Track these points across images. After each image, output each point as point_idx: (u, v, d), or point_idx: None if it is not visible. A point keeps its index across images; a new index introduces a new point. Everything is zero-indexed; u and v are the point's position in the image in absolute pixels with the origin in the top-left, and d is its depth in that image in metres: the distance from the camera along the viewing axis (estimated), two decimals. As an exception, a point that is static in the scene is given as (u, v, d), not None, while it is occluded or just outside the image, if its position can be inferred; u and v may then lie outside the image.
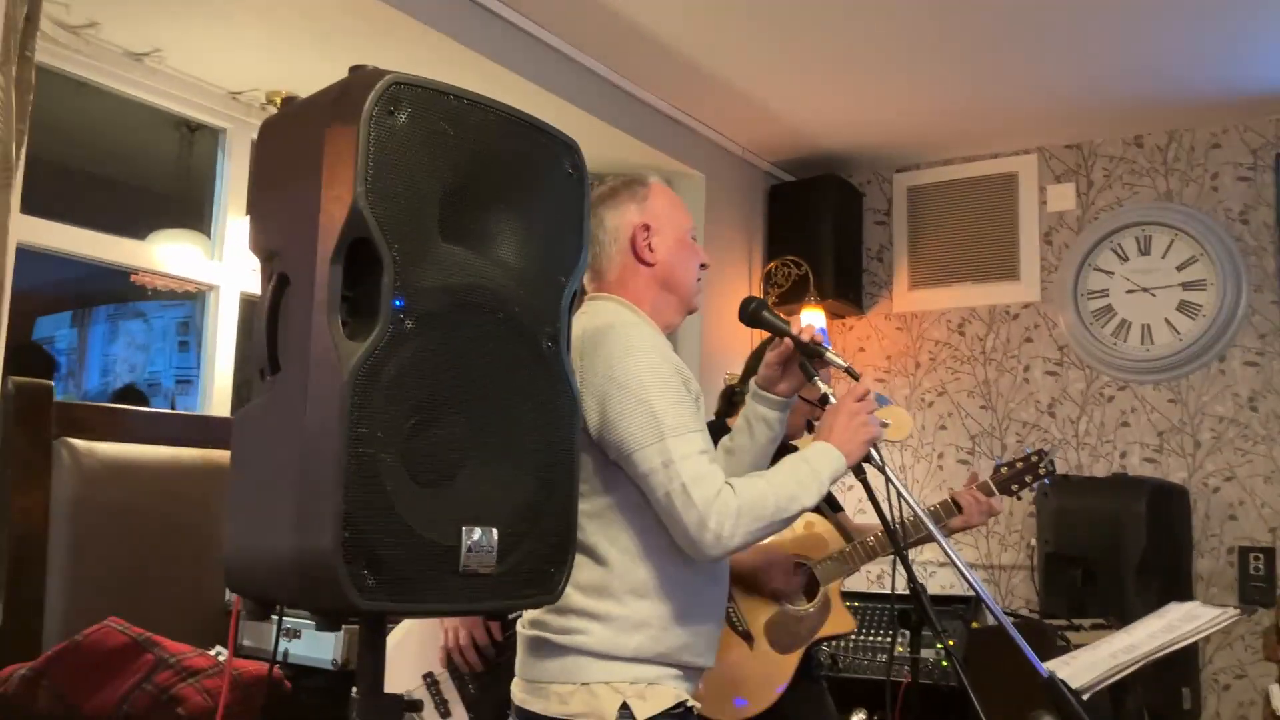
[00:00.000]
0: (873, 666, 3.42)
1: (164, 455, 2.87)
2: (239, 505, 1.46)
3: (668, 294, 2.02)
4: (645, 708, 1.76)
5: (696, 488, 1.74)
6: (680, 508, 1.74)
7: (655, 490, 1.77)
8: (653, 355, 1.83)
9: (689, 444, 1.78)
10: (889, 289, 5.09)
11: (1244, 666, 4.12)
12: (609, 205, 2.02)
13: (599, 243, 2.00)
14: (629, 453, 1.78)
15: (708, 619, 1.91)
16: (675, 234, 2.03)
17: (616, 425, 1.78)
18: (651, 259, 2.00)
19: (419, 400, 1.39)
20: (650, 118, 4.27)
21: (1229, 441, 4.28)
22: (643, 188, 2.05)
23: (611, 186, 2.05)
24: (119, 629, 2.49)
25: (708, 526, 1.73)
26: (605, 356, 1.82)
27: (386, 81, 1.37)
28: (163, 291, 3.76)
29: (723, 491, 1.75)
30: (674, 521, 1.76)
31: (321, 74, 1.45)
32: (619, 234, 2.00)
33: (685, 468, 1.75)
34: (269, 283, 1.45)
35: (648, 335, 1.88)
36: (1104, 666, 2.19)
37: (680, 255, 2.03)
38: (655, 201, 2.04)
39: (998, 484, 2.79)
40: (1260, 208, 4.33)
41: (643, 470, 1.77)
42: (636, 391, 1.78)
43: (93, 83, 3.31)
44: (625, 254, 2.00)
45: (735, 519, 1.74)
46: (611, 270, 2.01)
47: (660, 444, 1.76)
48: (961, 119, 4.53)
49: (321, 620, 1.41)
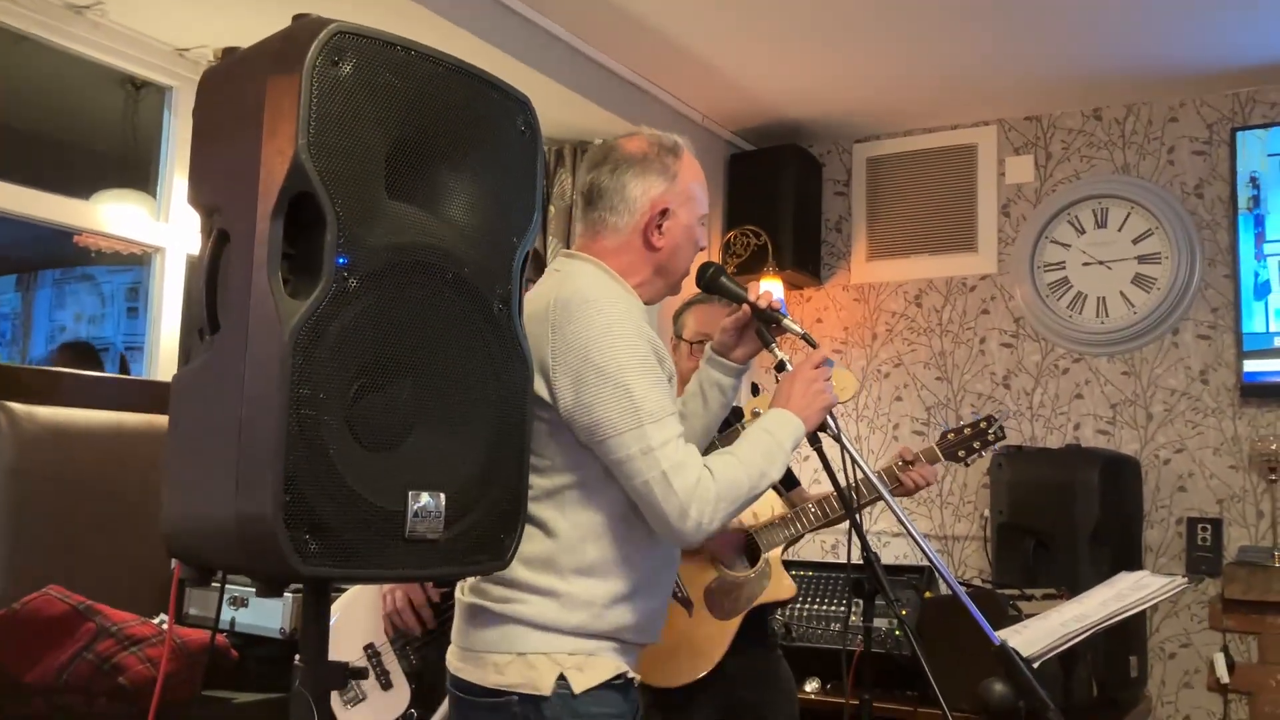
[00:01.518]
0: (826, 636, 3.43)
1: (107, 420, 2.81)
2: (177, 469, 1.42)
3: (658, 278, 1.96)
4: (583, 679, 1.74)
5: (677, 476, 1.70)
6: (660, 496, 1.70)
7: (632, 477, 1.72)
8: (631, 335, 1.77)
9: (667, 430, 1.73)
10: (847, 260, 5.09)
11: (1189, 636, 4.18)
12: (637, 172, 1.91)
13: (611, 206, 1.90)
14: (604, 438, 1.72)
15: (654, 598, 1.87)
16: (688, 221, 1.95)
17: (593, 409, 1.72)
18: (658, 243, 1.92)
19: (364, 362, 1.35)
20: (609, 82, 4.22)
21: (1180, 414, 4.33)
22: (676, 160, 1.95)
23: (644, 151, 1.93)
24: (59, 597, 2.44)
25: (689, 515, 1.70)
26: (581, 333, 1.74)
27: (330, 31, 1.33)
28: (107, 254, 3.67)
29: (702, 478, 1.72)
30: (652, 508, 1.72)
31: (271, 31, 1.40)
32: (636, 207, 1.90)
33: (665, 455, 1.71)
34: (208, 239, 1.41)
35: (625, 309, 1.81)
36: (1054, 635, 2.20)
37: (684, 244, 1.95)
38: (683, 182, 1.95)
39: (943, 450, 2.76)
40: (1215, 182, 4.36)
41: (619, 456, 1.72)
42: (614, 375, 1.72)
43: (33, 36, 3.20)
44: (634, 230, 1.91)
45: (715, 505, 1.72)
46: (611, 238, 1.92)
47: (639, 430, 1.71)
48: (922, 90, 4.51)
49: (263, 586, 1.37)
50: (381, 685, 2.34)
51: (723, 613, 2.64)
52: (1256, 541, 4.12)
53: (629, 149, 1.94)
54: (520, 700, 1.73)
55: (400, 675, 2.35)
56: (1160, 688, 4.19)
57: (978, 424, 2.80)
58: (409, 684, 2.34)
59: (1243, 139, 4.21)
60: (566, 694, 1.73)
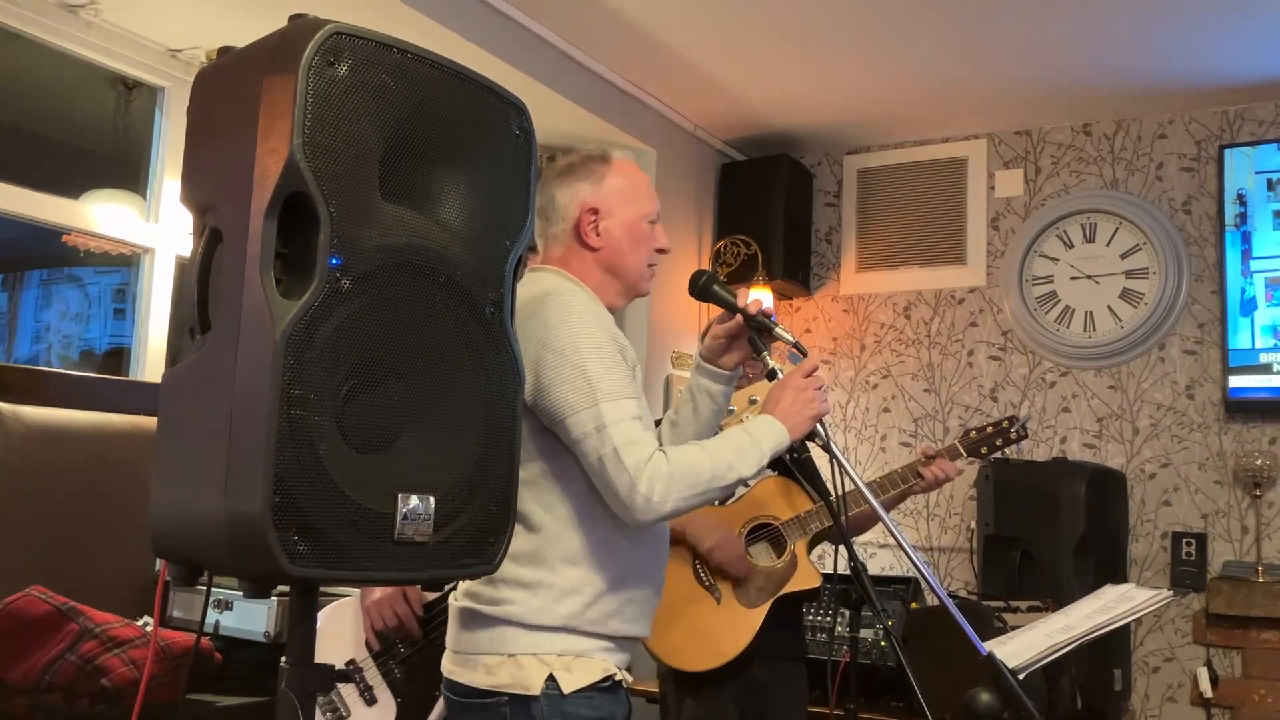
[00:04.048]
0: (812, 645, 3.42)
1: (92, 420, 2.80)
2: (166, 468, 1.41)
3: (610, 278, 1.98)
4: (572, 680, 1.75)
5: (628, 452, 1.73)
6: (612, 472, 1.73)
7: (588, 455, 1.76)
8: (588, 321, 1.81)
9: (622, 409, 1.76)
10: (837, 271, 5.10)
11: (1173, 649, 4.20)
12: (562, 182, 1.98)
13: (547, 218, 1.98)
14: (562, 418, 1.76)
15: (642, 585, 1.89)
16: (628, 218, 1.98)
17: (550, 391, 1.77)
18: (596, 243, 1.96)
19: (355, 363, 1.35)
20: (602, 90, 4.22)
21: (1166, 429, 4.35)
22: (602, 165, 2.00)
23: (569, 162, 2.01)
24: (42, 598, 2.43)
25: (638, 490, 1.72)
26: (541, 323, 1.80)
27: (327, 31, 1.33)
28: (96, 254, 3.65)
29: (655, 456, 1.75)
30: (605, 485, 1.75)
31: (265, 32, 1.40)
32: (567, 213, 1.97)
33: (617, 432, 1.74)
34: (201, 238, 1.40)
35: (584, 302, 1.86)
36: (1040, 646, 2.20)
37: (628, 242, 1.98)
38: (612, 182, 1.98)
39: (966, 447, 2.83)
40: (1203, 198, 4.39)
41: (575, 435, 1.76)
42: (571, 357, 1.77)
43: (25, 34, 3.19)
44: (570, 235, 1.97)
45: (667, 484, 1.73)
46: (556, 248, 1.99)
47: (594, 409, 1.75)
48: (913, 102, 4.54)
49: (250, 587, 1.36)
50: (365, 701, 2.32)
51: (749, 600, 2.67)
52: (1240, 556, 4.14)
53: (558, 163, 2.01)
54: (510, 701, 1.74)
55: (385, 689, 2.33)
56: (1144, 701, 4.20)
57: (1000, 423, 2.87)
58: (394, 698, 2.33)
59: (1231, 156, 4.23)
60: (555, 695, 1.74)
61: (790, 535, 2.73)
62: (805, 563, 2.74)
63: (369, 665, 2.35)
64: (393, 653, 2.36)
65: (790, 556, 2.72)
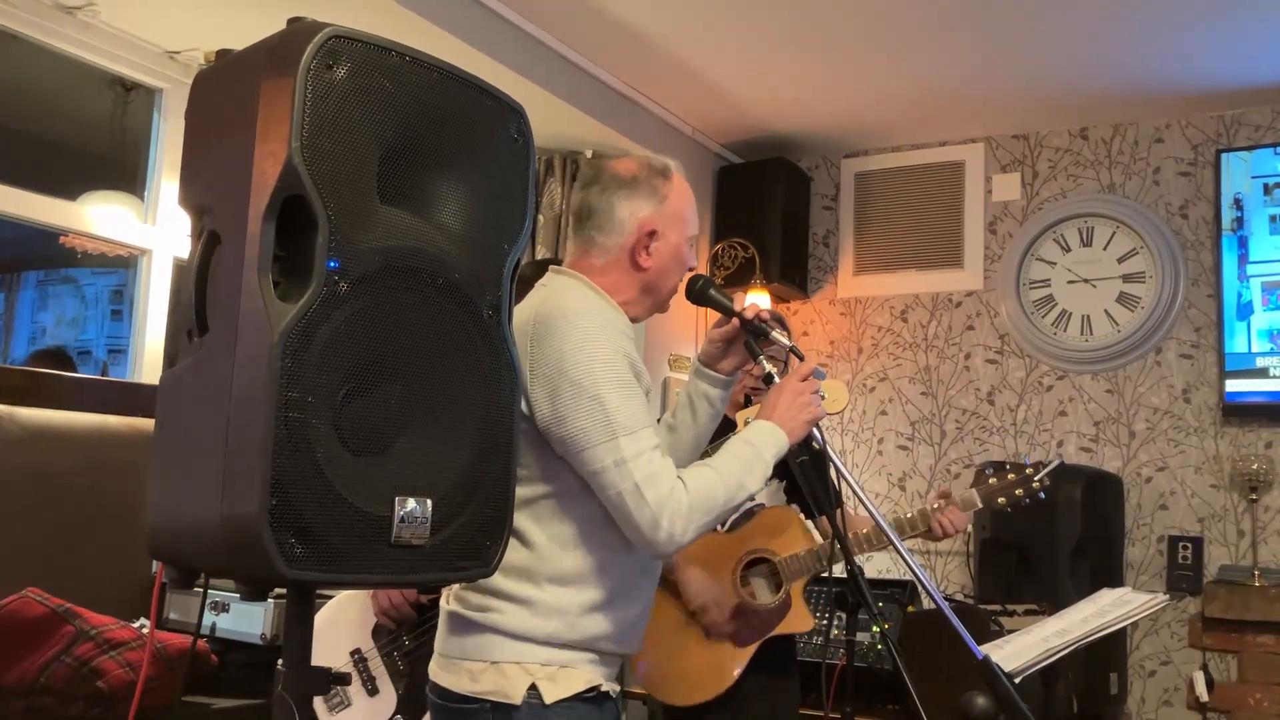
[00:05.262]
0: (808, 649, 3.42)
1: (89, 422, 2.79)
2: (163, 469, 1.41)
3: (645, 296, 1.96)
4: (554, 690, 1.74)
5: (649, 487, 1.71)
6: (633, 507, 1.72)
7: (606, 489, 1.73)
8: (607, 349, 1.77)
9: (641, 441, 1.74)
10: (834, 274, 5.10)
11: (1169, 653, 4.20)
12: (626, 195, 1.92)
13: (599, 226, 1.91)
14: (579, 450, 1.74)
15: (631, 608, 1.87)
16: (676, 242, 1.95)
17: (567, 421, 1.74)
18: (645, 264, 1.92)
19: (353, 365, 1.35)
20: (600, 93, 4.23)
21: (1162, 432, 4.36)
22: (665, 184, 1.95)
23: (633, 173, 1.94)
24: (38, 599, 2.42)
25: (660, 526, 1.71)
26: (558, 347, 1.76)
27: (325, 34, 1.32)
28: (93, 256, 3.65)
29: (675, 489, 1.73)
30: (625, 519, 1.74)
31: (263, 34, 1.40)
32: (624, 229, 1.91)
33: (637, 466, 1.72)
34: (199, 240, 1.40)
35: (602, 323, 1.81)
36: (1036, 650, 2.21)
37: (672, 265, 1.95)
38: (673, 205, 1.95)
39: (982, 496, 2.66)
40: (1200, 203, 4.40)
41: (593, 469, 1.74)
42: (589, 388, 1.74)
43: (23, 36, 3.19)
44: (621, 250, 1.92)
45: (687, 516, 1.73)
46: (599, 256, 1.93)
47: (612, 442, 1.72)
48: (910, 106, 4.54)
49: (247, 590, 1.36)
50: (367, 691, 2.33)
51: (739, 639, 2.63)
52: (1237, 560, 4.14)
53: (619, 170, 1.95)
54: (492, 708, 1.74)
55: (387, 681, 2.34)
56: (1140, 705, 4.21)
57: (1025, 469, 2.65)
58: (396, 690, 2.33)
59: (1227, 161, 4.24)
60: (537, 704, 1.73)
61: (787, 575, 2.66)
62: (800, 604, 2.68)
63: (373, 656, 2.36)
64: (397, 644, 2.37)
65: (785, 597, 2.66)
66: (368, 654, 2.36)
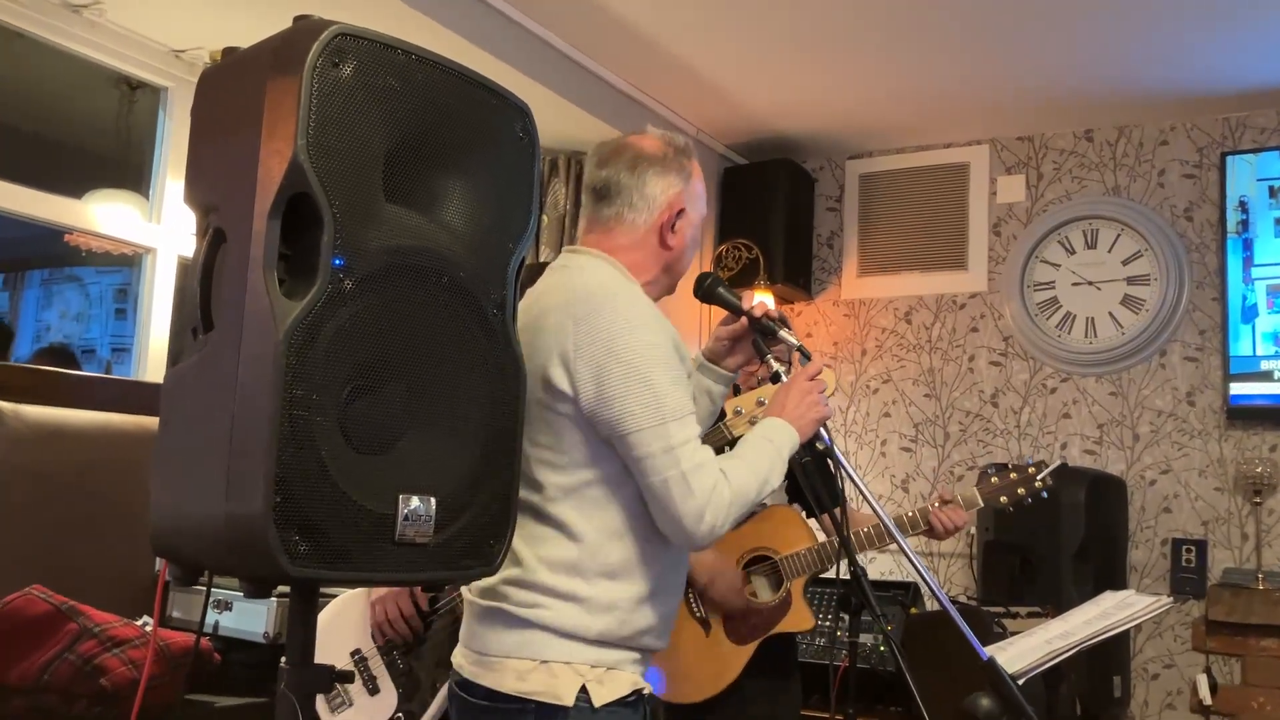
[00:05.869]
0: (812, 650, 3.42)
1: (94, 420, 2.79)
2: (167, 467, 1.41)
3: (664, 275, 1.93)
4: (603, 693, 1.70)
5: (696, 477, 1.69)
6: (678, 496, 1.68)
7: (650, 474, 1.70)
8: (655, 329, 1.75)
9: (688, 428, 1.72)
10: (838, 275, 5.10)
11: (1172, 656, 4.19)
12: (659, 170, 1.89)
13: (630, 203, 1.88)
14: (626, 433, 1.69)
15: (670, 600, 1.85)
16: (696, 220, 1.95)
17: (614, 403, 1.69)
18: (671, 242, 1.90)
19: (358, 364, 1.35)
20: (604, 93, 4.23)
21: (1166, 435, 4.35)
22: (690, 161, 1.94)
23: (662, 150, 1.92)
24: (41, 597, 2.42)
25: (704, 518, 1.69)
26: (607, 326, 1.72)
27: (331, 32, 1.33)
28: (98, 254, 3.66)
29: (719, 482, 1.71)
30: (667, 508, 1.70)
31: (269, 33, 1.40)
32: (655, 205, 1.88)
33: (685, 454, 1.69)
34: (204, 238, 1.40)
35: (647, 306, 1.80)
36: (1039, 652, 2.20)
37: (690, 245, 1.95)
38: (696, 184, 1.94)
39: (984, 494, 2.67)
40: (1204, 205, 4.39)
41: (639, 453, 1.70)
42: (639, 369, 1.70)
43: (29, 34, 3.20)
44: (650, 229, 1.89)
45: (727, 509, 1.71)
46: (626, 235, 1.89)
47: (662, 427, 1.69)
48: (915, 108, 4.54)
49: (251, 588, 1.36)
50: (368, 690, 2.33)
51: (739, 637, 2.63)
52: (1241, 564, 4.13)
53: (646, 147, 1.92)
54: (537, 709, 1.68)
55: (387, 680, 2.34)
56: (1143, 708, 4.20)
57: (1026, 468, 2.66)
58: (396, 689, 2.34)
59: (1232, 163, 4.24)
60: (586, 707, 1.68)
61: (788, 573, 2.65)
62: (800, 603, 2.67)
63: (374, 655, 2.36)
64: (397, 644, 2.37)
65: (785, 595, 2.65)
66: (368, 653, 2.36)
